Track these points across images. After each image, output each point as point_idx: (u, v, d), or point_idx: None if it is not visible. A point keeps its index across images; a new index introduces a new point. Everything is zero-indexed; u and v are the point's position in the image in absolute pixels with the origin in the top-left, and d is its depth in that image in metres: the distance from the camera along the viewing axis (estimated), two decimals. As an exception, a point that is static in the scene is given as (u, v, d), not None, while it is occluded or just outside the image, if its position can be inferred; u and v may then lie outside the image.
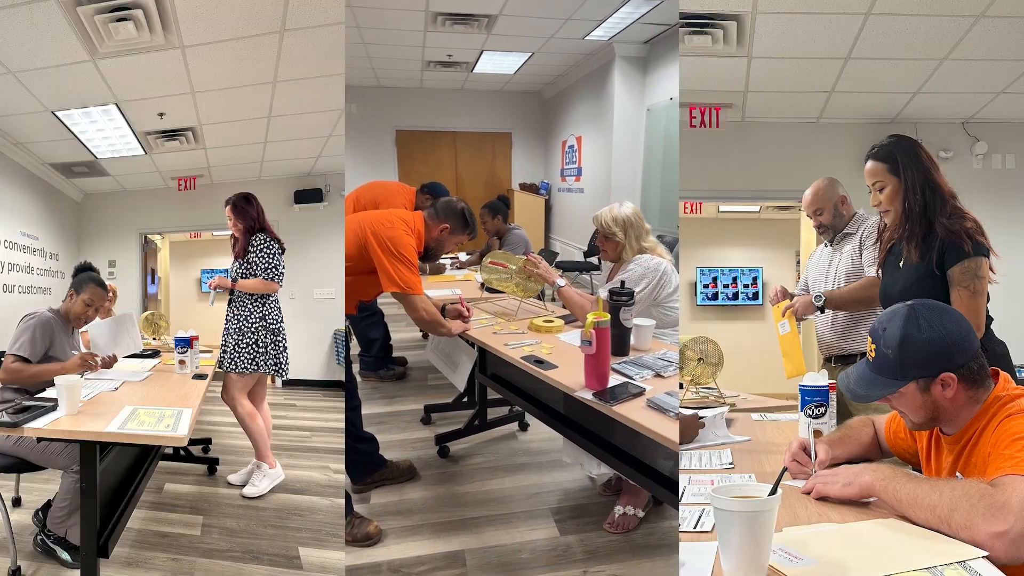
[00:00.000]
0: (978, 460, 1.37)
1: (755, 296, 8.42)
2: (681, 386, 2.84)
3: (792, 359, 2.87)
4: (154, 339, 5.34)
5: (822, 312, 2.87)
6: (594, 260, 7.73)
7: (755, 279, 8.45)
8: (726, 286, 8.46)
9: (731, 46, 4.22)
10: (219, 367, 3.75)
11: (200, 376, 3.38)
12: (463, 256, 5.89)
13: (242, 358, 3.68)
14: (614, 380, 2.25)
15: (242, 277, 3.72)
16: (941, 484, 1.25)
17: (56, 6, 3.56)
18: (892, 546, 1.17)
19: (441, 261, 5.10)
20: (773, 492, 1.06)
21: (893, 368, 1.42)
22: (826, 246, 3.07)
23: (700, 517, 1.32)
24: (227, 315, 3.79)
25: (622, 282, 2.72)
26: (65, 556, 2.63)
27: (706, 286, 8.42)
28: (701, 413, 2.12)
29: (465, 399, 4.24)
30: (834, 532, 1.25)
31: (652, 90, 7.87)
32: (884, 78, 4.71)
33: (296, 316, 6.01)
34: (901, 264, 2.27)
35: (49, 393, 2.66)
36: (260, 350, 3.71)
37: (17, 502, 3.34)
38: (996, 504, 1.14)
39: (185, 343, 3.52)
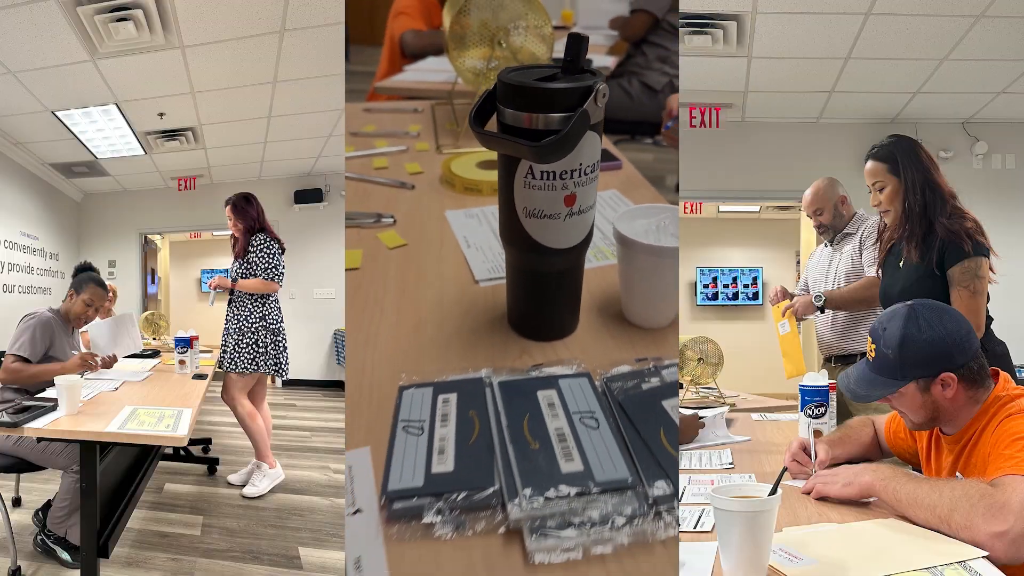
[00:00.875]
0: (978, 460, 1.37)
1: (755, 296, 8.42)
2: (681, 386, 2.84)
3: (792, 359, 2.87)
4: (154, 339, 5.35)
5: (822, 312, 2.87)
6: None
7: (755, 279, 8.45)
8: (726, 286, 8.46)
9: (731, 46, 4.22)
10: (219, 367, 3.75)
11: (200, 376, 3.38)
12: None
13: (242, 358, 3.68)
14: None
15: (242, 277, 3.72)
16: (941, 484, 1.25)
17: (56, 6, 3.56)
18: (892, 546, 1.17)
19: None
20: (773, 492, 1.06)
21: (893, 368, 1.42)
22: (826, 246, 3.07)
23: (700, 517, 1.32)
24: (227, 315, 3.79)
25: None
26: (65, 556, 2.63)
27: (706, 286, 8.42)
28: (701, 413, 2.12)
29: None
30: (834, 532, 1.25)
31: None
32: (884, 78, 4.71)
33: (296, 316, 6.02)
34: (901, 264, 2.27)
35: (49, 393, 2.66)
36: (260, 350, 3.71)
37: (17, 502, 3.34)
38: (996, 504, 1.14)
39: (185, 343, 3.52)
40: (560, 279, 1.08)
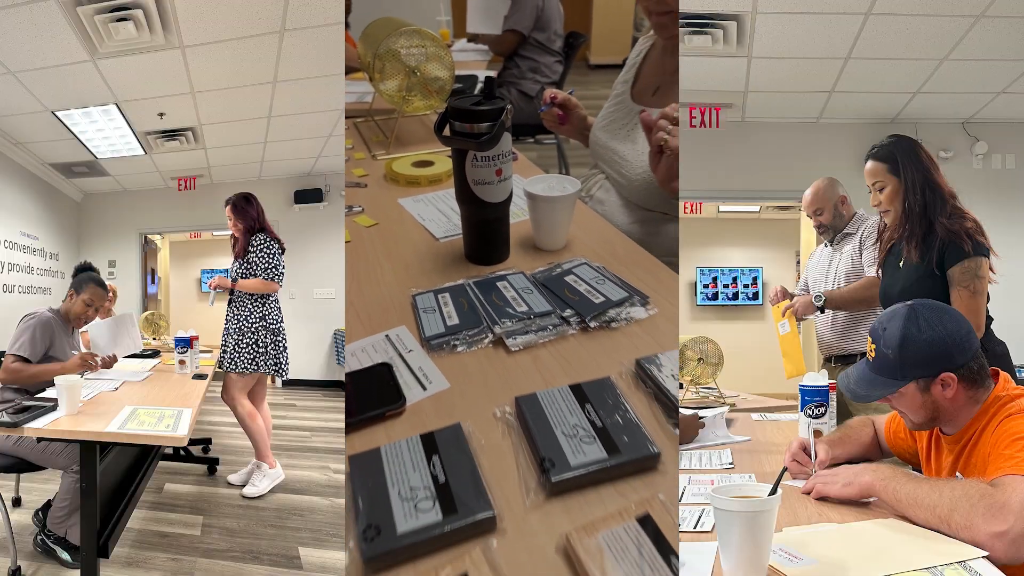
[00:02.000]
0: (978, 460, 1.37)
1: (755, 296, 8.41)
2: (681, 386, 2.84)
3: (792, 359, 2.87)
4: (154, 339, 5.34)
5: (822, 312, 2.87)
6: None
7: (755, 279, 8.45)
8: (726, 286, 8.45)
9: (731, 46, 4.22)
10: (219, 367, 3.75)
11: (200, 376, 3.38)
12: None
13: (242, 358, 3.68)
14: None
15: (242, 277, 3.72)
16: (941, 484, 1.25)
17: (56, 6, 3.56)
18: (892, 546, 1.17)
19: None
20: (773, 492, 1.06)
21: (893, 368, 1.42)
22: (826, 246, 3.07)
23: (700, 517, 1.32)
24: (227, 315, 3.79)
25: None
26: (65, 556, 2.63)
27: (706, 286, 8.42)
28: (701, 413, 2.12)
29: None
30: (834, 532, 1.25)
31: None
32: (884, 78, 4.71)
33: (296, 316, 6.02)
34: (901, 264, 2.27)
35: (49, 393, 2.67)
36: (260, 350, 3.71)
37: (17, 502, 3.34)
38: (996, 504, 1.14)
39: (185, 343, 3.53)
40: (497, 223, 1.70)
